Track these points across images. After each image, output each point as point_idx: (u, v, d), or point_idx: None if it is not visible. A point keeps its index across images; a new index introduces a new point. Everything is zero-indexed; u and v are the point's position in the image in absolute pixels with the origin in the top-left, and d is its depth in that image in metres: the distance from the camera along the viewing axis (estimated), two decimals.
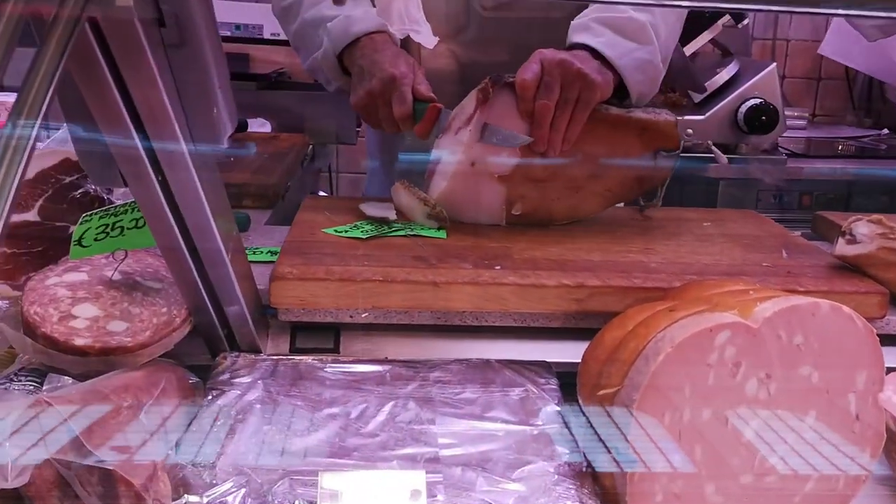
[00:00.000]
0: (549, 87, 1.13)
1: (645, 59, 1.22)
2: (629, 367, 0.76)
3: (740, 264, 1.09)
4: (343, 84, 1.33)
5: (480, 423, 0.86)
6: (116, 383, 0.79)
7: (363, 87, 1.22)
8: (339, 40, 1.27)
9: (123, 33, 0.54)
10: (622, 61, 1.18)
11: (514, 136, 1.16)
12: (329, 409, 0.87)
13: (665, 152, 1.21)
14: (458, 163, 1.19)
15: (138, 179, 0.66)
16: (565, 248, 1.13)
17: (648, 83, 1.24)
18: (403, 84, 1.19)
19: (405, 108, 1.19)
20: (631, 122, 1.18)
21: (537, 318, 1.01)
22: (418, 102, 1.20)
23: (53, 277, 0.89)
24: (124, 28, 0.53)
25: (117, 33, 0.54)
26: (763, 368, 0.75)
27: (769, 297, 0.78)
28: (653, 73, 1.25)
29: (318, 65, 1.32)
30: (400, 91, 1.19)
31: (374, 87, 1.21)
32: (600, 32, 1.20)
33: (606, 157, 1.20)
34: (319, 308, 1.00)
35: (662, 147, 1.21)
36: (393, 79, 1.19)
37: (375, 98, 1.21)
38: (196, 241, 0.76)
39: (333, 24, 1.28)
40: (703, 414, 0.74)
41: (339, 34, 1.27)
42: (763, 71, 2.32)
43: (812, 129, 2.94)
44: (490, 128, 1.17)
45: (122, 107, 0.59)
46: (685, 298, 0.86)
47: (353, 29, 1.26)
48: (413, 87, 1.20)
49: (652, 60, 1.23)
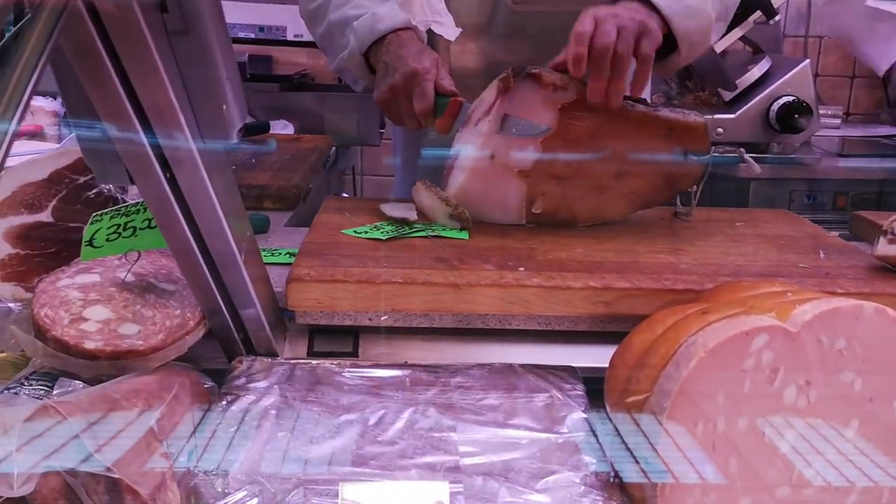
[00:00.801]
0: (605, 33, 1.08)
1: (695, 6, 1.16)
2: (659, 373, 0.72)
3: (775, 265, 1.04)
4: (369, 83, 1.32)
5: (503, 431, 0.83)
6: (127, 388, 0.76)
7: (385, 83, 1.22)
8: (366, 38, 1.26)
9: (123, 20, 0.51)
10: (672, 8, 1.14)
11: (533, 125, 1.12)
12: (347, 415, 0.84)
13: (695, 156, 1.17)
14: (477, 156, 1.15)
15: (146, 177, 0.64)
16: (591, 249, 1.09)
17: (699, 34, 1.18)
18: (426, 79, 1.18)
19: (426, 103, 1.18)
20: (658, 122, 1.14)
21: (562, 321, 0.97)
22: (440, 97, 1.18)
23: (65, 279, 0.87)
24: (124, 14, 0.50)
25: (116, 20, 0.51)
26: (802, 375, 0.71)
27: (809, 300, 0.74)
28: (703, 21, 1.18)
29: (345, 65, 1.32)
30: (422, 86, 1.18)
31: (396, 81, 1.20)
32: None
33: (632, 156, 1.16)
34: (338, 311, 0.97)
35: (691, 150, 1.17)
36: (415, 73, 1.18)
37: (397, 93, 1.20)
38: (207, 242, 0.73)
39: (359, 23, 1.27)
40: (738, 423, 0.70)
41: (366, 32, 1.26)
42: (796, 67, 2.26)
43: (846, 127, 2.87)
44: (510, 119, 1.13)
45: (125, 99, 0.57)
46: (718, 301, 0.82)
47: (378, 26, 1.25)
48: (436, 81, 1.18)
49: (702, 8, 1.17)
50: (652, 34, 1.10)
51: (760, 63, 2.32)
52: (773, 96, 2.25)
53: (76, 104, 0.59)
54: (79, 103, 0.58)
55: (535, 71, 1.11)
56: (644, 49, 1.10)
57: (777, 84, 2.25)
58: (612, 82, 1.09)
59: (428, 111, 1.18)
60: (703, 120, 1.15)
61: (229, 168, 0.73)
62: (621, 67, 1.09)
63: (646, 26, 1.10)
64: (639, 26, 1.10)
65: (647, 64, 1.11)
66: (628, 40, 1.09)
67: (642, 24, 1.10)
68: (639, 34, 1.09)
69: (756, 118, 2.26)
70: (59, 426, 0.66)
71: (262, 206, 1.45)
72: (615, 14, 1.10)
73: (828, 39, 3.02)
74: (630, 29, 1.09)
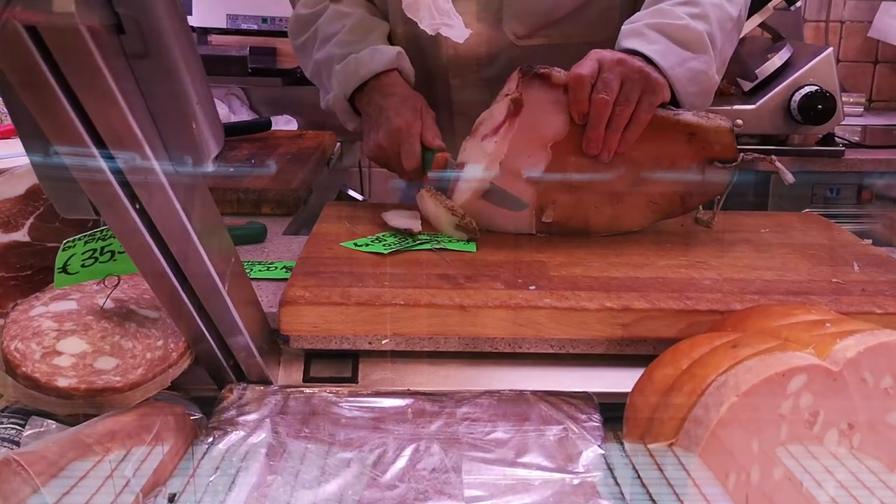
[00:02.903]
0: (607, 84, 1.02)
1: (700, 69, 1.11)
2: (685, 416, 0.65)
3: (806, 281, 0.97)
4: (357, 126, 1.32)
5: (513, 470, 0.76)
6: (101, 430, 0.70)
7: (373, 140, 1.22)
8: (348, 85, 1.27)
9: (68, 43, 0.44)
10: (675, 71, 1.08)
11: (517, 200, 1.10)
12: (343, 452, 0.78)
13: (720, 163, 1.09)
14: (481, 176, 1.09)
15: (111, 208, 0.57)
16: (607, 262, 1.02)
17: (702, 95, 1.14)
18: (411, 135, 1.18)
19: (414, 162, 1.18)
20: (678, 126, 1.06)
21: (577, 344, 0.90)
22: (427, 151, 1.18)
23: (39, 307, 0.81)
24: (69, 37, 0.44)
25: (61, 43, 0.44)
26: (845, 418, 0.64)
27: (850, 332, 0.67)
28: (707, 84, 1.14)
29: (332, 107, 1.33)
30: (408, 143, 1.17)
31: (381, 140, 1.20)
32: (654, 39, 1.10)
33: (650, 163, 1.09)
34: (335, 335, 0.90)
35: (716, 157, 1.09)
36: (399, 130, 1.18)
37: (385, 150, 1.21)
38: (186, 273, 0.67)
39: (341, 68, 1.27)
40: (775, 473, 0.63)
41: (347, 77, 1.26)
42: (818, 56, 2.17)
43: (869, 115, 2.78)
44: (495, 189, 1.10)
45: (80, 127, 0.50)
46: (748, 329, 0.75)
47: (360, 72, 1.25)
48: (421, 134, 1.18)
49: (707, 71, 1.13)
50: (655, 94, 1.05)
51: (781, 51, 2.23)
52: (794, 86, 2.16)
53: (28, 129, 0.52)
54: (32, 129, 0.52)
55: (545, 71, 1.03)
56: (641, 113, 1.04)
57: (799, 73, 2.16)
58: (608, 135, 1.05)
59: (417, 170, 1.18)
60: (729, 124, 1.07)
61: (206, 194, 0.66)
62: (618, 124, 1.04)
63: (650, 83, 1.04)
64: (643, 81, 1.04)
65: (641, 126, 1.06)
66: (629, 97, 1.03)
67: (646, 79, 1.04)
68: (642, 90, 1.04)
69: (777, 109, 2.17)
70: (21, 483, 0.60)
71: (261, 211, 1.38)
72: (620, 61, 1.04)
73: (849, 24, 2.92)
74: (634, 83, 1.03)
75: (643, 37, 1.11)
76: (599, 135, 1.04)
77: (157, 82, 0.50)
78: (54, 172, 0.55)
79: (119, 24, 0.47)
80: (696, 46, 1.11)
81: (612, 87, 1.02)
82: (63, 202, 0.57)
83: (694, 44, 1.11)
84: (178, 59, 0.49)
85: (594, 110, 1.03)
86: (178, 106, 0.51)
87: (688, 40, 1.11)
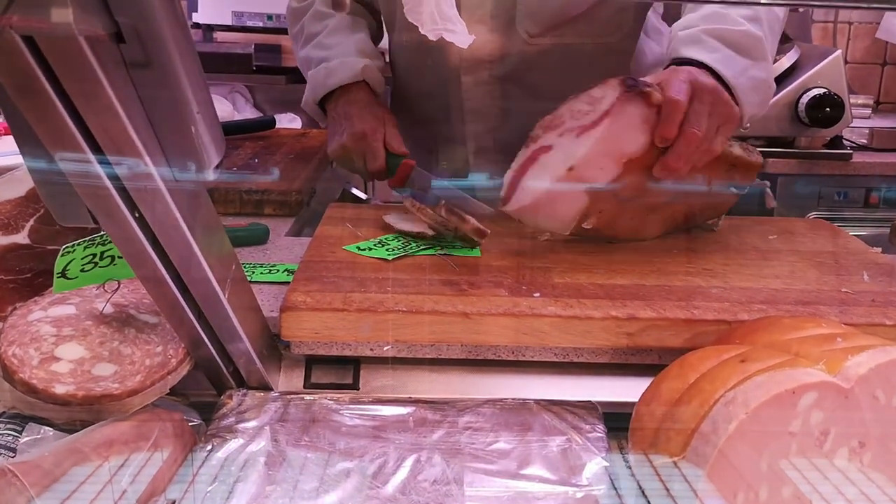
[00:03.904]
0: (699, 115, 0.98)
1: (760, 77, 1.08)
2: (692, 431, 0.64)
3: (815, 290, 0.95)
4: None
5: (515, 483, 0.75)
6: (98, 439, 0.69)
7: (336, 141, 1.30)
8: (318, 91, 1.36)
9: (67, 53, 0.43)
10: (738, 81, 1.05)
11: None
12: (343, 462, 0.76)
13: (735, 187, 1.11)
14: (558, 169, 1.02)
15: (110, 217, 0.56)
16: (613, 268, 1.01)
17: (762, 105, 1.11)
18: (374, 139, 1.26)
19: (378, 164, 1.26)
20: (728, 157, 1.06)
21: (581, 352, 0.89)
22: (391, 156, 1.26)
23: (38, 311, 0.80)
24: (67, 46, 0.43)
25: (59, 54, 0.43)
26: (856, 436, 0.63)
27: (862, 348, 0.65)
28: (767, 93, 1.12)
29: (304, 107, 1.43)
30: (372, 147, 1.26)
31: (346, 141, 1.28)
32: (714, 47, 1.06)
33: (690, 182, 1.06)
34: (337, 341, 0.89)
35: (738, 181, 1.10)
36: (363, 134, 1.26)
37: (349, 151, 1.29)
38: (186, 282, 0.66)
39: (313, 74, 1.37)
40: (783, 492, 0.62)
41: (317, 84, 1.36)
42: (827, 58, 2.15)
43: (877, 117, 2.75)
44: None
45: (79, 137, 0.49)
46: (757, 342, 0.74)
47: (329, 81, 1.35)
48: (385, 140, 1.26)
49: (767, 79, 1.10)
50: (732, 125, 1.02)
51: (789, 53, 2.21)
52: (802, 88, 2.14)
53: (26, 137, 0.51)
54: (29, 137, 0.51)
55: (648, 89, 0.97)
56: (717, 146, 1.02)
57: (807, 76, 2.14)
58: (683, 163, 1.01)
59: (381, 171, 1.26)
60: (762, 160, 1.09)
61: (207, 201, 0.65)
62: (698, 158, 1.01)
63: (732, 116, 1.02)
64: (726, 115, 1.01)
65: (712, 157, 1.03)
66: (711, 137, 1.00)
67: (730, 113, 1.01)
68: (722, 122, 1.01)
69: (784, 111, 2.15)
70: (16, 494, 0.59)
71: (263, 212, 1.37)
72: (712, 91, 1.00)
73: (857, 25, 2.89)
74: (718, 116, 1.00)
75: (702, 44, 1.07)
76: (680, 166, 1.00)
77: (158, 91, 0.49)
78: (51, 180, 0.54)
79: (119, 32, 0.46)
80: (755, 53, 1.08)
81: (703, 122, 0.98)
82: (61, 211, 0.56)
83: (753, 50, 1.08)
84: (178, 68, 0.48)
85: (683, 142, 0.98)
86: (179, 114, 0.50)
87: (747, 47, 1.07)
